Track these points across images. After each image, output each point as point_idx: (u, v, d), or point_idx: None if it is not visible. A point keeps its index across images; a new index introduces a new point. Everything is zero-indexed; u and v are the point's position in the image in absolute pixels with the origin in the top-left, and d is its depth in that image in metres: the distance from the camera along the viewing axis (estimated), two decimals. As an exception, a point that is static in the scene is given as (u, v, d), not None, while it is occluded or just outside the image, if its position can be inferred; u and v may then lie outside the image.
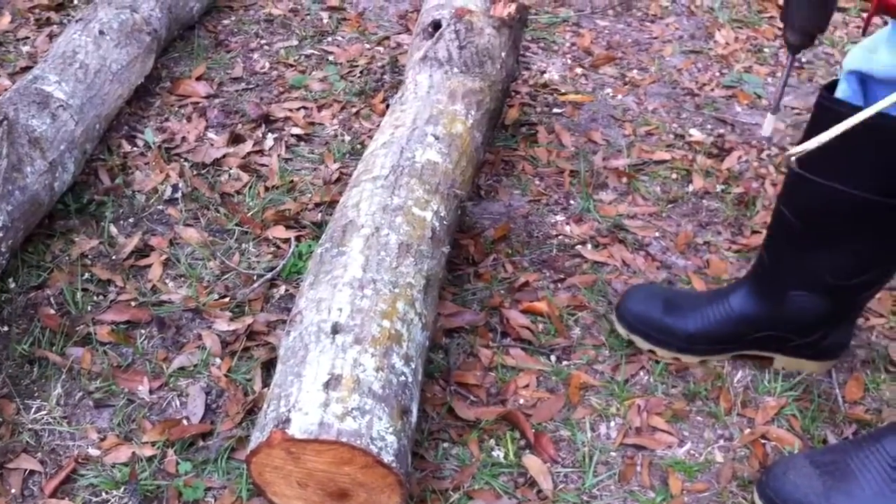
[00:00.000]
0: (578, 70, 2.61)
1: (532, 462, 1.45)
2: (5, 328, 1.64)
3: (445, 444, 1.48)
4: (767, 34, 2.88)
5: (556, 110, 2.42)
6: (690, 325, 1.64)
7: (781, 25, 1.36)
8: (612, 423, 1.54)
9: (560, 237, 1.96)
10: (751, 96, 2.55)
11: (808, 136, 1.42)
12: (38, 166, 1.75)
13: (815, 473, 1.38)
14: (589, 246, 1.94)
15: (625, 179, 2.15)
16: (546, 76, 2.56)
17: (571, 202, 2.07)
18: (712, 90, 2.56)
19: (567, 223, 2.00)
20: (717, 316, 1.63)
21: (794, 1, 1.36)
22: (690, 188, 2.14)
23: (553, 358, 1.66)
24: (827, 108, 1.37)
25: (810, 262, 1.51)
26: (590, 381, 1.61)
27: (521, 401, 1.57)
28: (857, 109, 1.21)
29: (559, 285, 1.83)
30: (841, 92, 1.38)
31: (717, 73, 2.65)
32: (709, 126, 2.39)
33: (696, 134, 2.34)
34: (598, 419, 1.55)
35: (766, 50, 2.79)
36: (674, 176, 2.18)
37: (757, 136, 2.35)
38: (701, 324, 1.64)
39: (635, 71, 2.63)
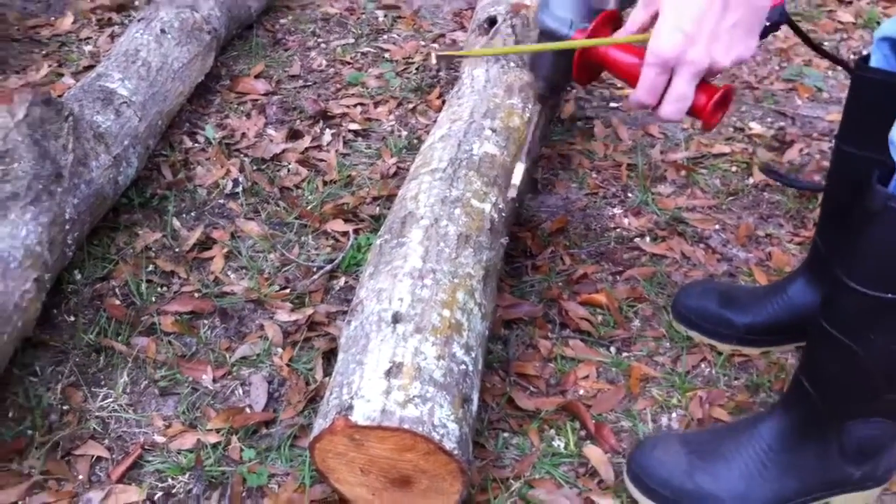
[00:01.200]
0: (635, 64, 2.59)
1: (593, 452, 1.44)
2: (72, 318, 1.67)
3: (505, 434, 1.48)
4: (827, 28, 2.84)
5: (612, 104, 2.41)
6: (749, 317, 1.62)
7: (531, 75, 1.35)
8: (674, 415, 1.53)
9: (618, 230, 1.94)
10: (811, 89, 2.51)
11: (848, 110, 1.41)
12: (102, 161, 1.78)
13: (682, 452, 1.35)
14: (647, 239, 1.92)
15: (683, 172, 2.13)
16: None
17: (629, 195, 2.06)
18: (772, 83, 2.53)
19: (625, 216, 1.99)
20: (777, 307, 1.61)
21: (539, 58, 1.34)
22: (750, 181, 2.11)
23: (613, 349, 1.65)
24: (862, 78, 1.36)
25: None
26: (650, 372, 1.60)
27: (581, 392, 1.56)
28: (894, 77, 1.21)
29: (618, 277, 1.82)
30: (875, 61, 1.37)
31: (777, 67, 2.62)
32: (769, 119, 2.36)
33: (755, 127, 2.31)
34: (660, 410, 1.54)
35: (826, 44, 2.74)
36: (733, 169, 2.16)
37: (818, 128, 2.31)
38: (760, 315, 1.62)
39: (693, 64, 2.60)
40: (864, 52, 2.71)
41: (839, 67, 2.61)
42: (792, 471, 1.31)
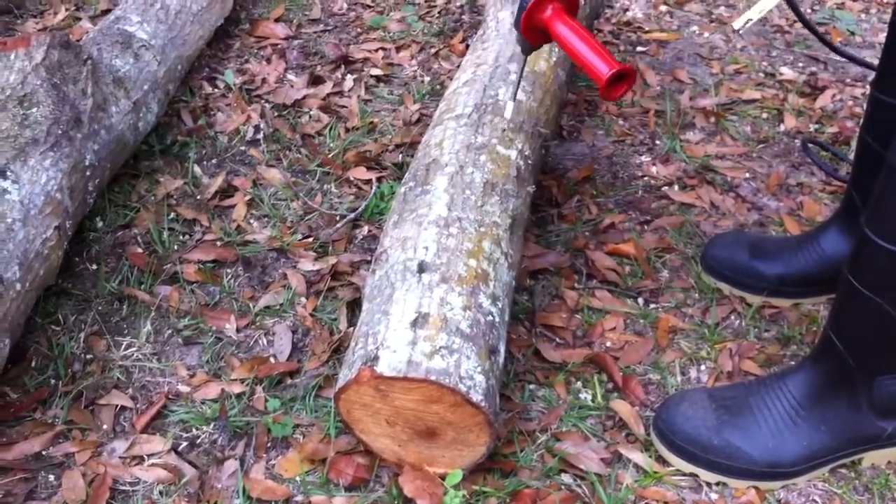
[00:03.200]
0: (663, 7, 2.53)
1: (621, 406, 1.42)
2: (94, 266, 1.66)
3: (532, 386, 1.46)
4: (862, -32, 2.75)
5: (639, 49, 2.35)
6: (780, 268, 1.59)
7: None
8: (703, 367, 1.50)
9: (646, 178, 1.91)
10: (844, 33, 2.44)
11: (885, 57, 1.36)
12: (122, 106, 1.76)
13: (710, 407, 1.32)
14: (676, 187, 1.88)
15: (713, 119, 2.08)
16: (629, 14, 2.49)
17: (657, 143, 2.01)
18: (803, 27, 2.46)
19: (653, 164, 1.94)
20: (808, 257, 1.58)
21: (518, 15, 1.42)
22: (782, 128, 2.06)
23: (640, 300, 1.63)
24: None
25: None
26: (679, 324, 1.57)
27: (609, 343, 1.54)
28: None
29: (645, 227, 1.78)
30: None
31: (809, 10, 2.55)
32: (800, 64, 2.30)
33: (787, 72, 2.26)
34: (688, 363, 1.51)
35: (860, -17, 2.66)
36: (764, 115, 2.11)
37: (851, 74, 2.25)
38: (791, 266, 1.59)
39: (722, 7, 2.54)
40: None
41: (872, 10, 2.54)
42: (822, 426, 1.29)
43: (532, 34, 1.43)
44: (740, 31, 1.40)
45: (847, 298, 1.23)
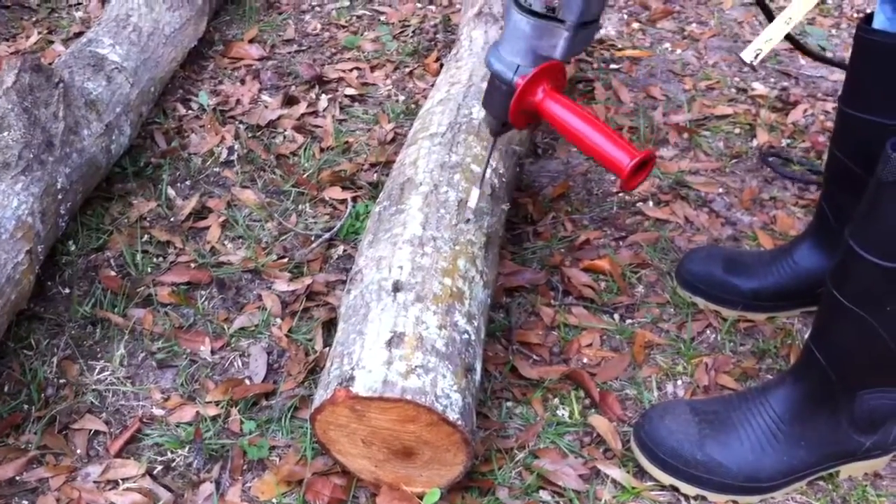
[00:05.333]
0: (635, 25, 2.55)
1: (599, 421, 1.42)
2: (67, 290, 1.65)
3: (509, 404, 1.46)
4: (831, -16, 2.79)
5: (613, 66, 2.36)
6: (755, 282, 1.60)
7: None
8: (679, 382, 1.51)
9: (620, 195, 1.91)
10: (815, 48, 2.46)
11: (852, 70, 1.38)
12: (94, 129, 1.75)
13: (692, 420, 1.33)
14: (650, 203, 1.89)
15: (686, 135, 2.10)
16: (602, 32, 2.50)
17: (631, 159, 2.02)
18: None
19: (627, 180, 1.95)
20: (782, 272, 1.59)
21: (490, 95, 1.37)
22: (754, 143, 2.08)
23: (616, 316, 1.63)
24: (865, 40, 1.32)
25: None
26: (655, 339, 1.58)
27: (585, 360, 1.54)
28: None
29: (621, 243, 1.79)
30: (878, 23, 1.32)
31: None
32: (772, 80, 2.32)
33: (759, 88, 2.28)
34: (665, 378, 1.51)
35: (829, 1, 2.69)
36: (737, 131, 2.12)
37: (823, 88, 2.27)
38: (766, 280, 1.60)
39: (694, 25, 2.56)
40: (868, 10, 2.67)
41: (843, 25, 2.57)
42: (802, 442, 1.29)
43: (520, 118, 1.34)
44: (753, 64, 1.38)
45: (830, 312, 1.24)
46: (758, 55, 1.44)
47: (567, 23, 1.24)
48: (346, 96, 2.23)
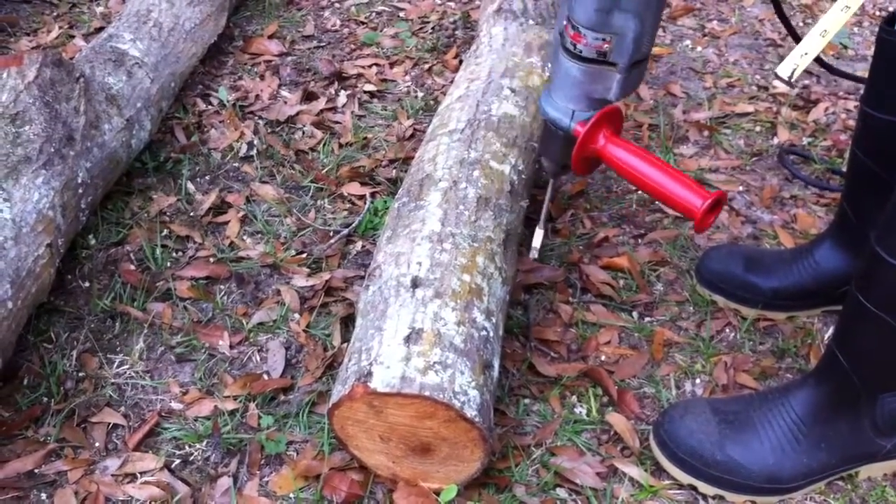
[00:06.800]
0: (656, 22, 2.54)
1: (617, 419, 1.41)
2: (87, 284, 1.65)
3: (527, 401, 1.45)
4: (854, -18, 2.76)
5: (633, 63, 2.35)
6: (775, 281, 1.59)
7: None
8: (698, 381, 1.50)
9: (639, 192, 1.90)
10: (836, 46, 2.45)
11: (874, 71, 1.36)
12: (115, 123, 1.75)
13: (713, 420, 1.32)
14: (670, 201, 1.88)
15: (706, 133, 2.09)
16: (622, 29, 2.49)
17: (651, 156, 2.01)
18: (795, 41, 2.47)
19: (647, 178, 1.94)
20: (803, 271, 1.58)
21: (546, 141, 1.37)
22: (775, 141, 2.07)
23: (635, 314, 1.62)
24: (887, 41, 1.31)
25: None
26: (674, 337, 1.57)
27: (603, 357, 1.54)
28: None
29: (639, 241, 1.78)
30: None
31: (801, 24, 2.56)
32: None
33: (780, 86, 2.26)
34: (683, 376, 1.51)
35: (852, -2, 2.67)
36: (757, 129, 2.11)
37: (844, 87, 2.26)
38: (786, 279, 1.59)
39: (715, 22, 2.55)
40: (891, 9, 2.65)
41: (865, 24, 2.55)
42: (823, 444, 1.28)
43: (582, 165, 1.33)
44: (791, 79, 1.34)
45: (854, 315, 1.23)
46: (794, 71, 1.41)
47: (619, 65, 1.22)
48: (364, 92, 2.23)
